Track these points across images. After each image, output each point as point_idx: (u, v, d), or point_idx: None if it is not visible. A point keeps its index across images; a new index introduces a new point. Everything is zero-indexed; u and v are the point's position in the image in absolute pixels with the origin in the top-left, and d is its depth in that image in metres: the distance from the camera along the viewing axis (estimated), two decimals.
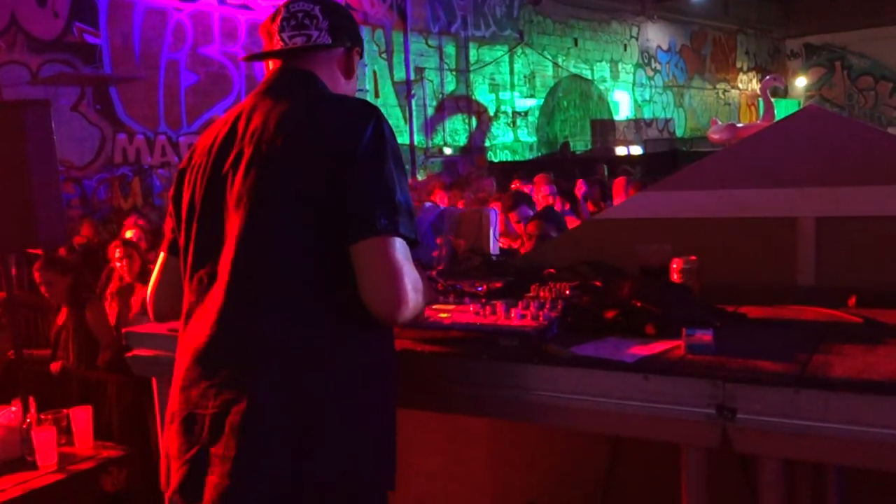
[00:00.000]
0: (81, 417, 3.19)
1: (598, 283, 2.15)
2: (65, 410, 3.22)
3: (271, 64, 1.75)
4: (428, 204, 3.80)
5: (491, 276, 2.51)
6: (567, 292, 2.11)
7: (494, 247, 3.07)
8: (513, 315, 1.87)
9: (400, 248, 1.52)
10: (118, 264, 4.78)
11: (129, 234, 5.66)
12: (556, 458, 2.65)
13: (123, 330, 2.32)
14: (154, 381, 2.23)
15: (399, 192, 1.54)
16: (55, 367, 4.28)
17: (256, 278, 1.53)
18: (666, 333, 1.73)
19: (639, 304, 1.83)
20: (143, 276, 4.86)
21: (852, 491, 2.08)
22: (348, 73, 1.77)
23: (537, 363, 1.65)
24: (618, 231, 2.58)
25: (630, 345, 1.69)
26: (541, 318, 1.83)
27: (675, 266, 2.10)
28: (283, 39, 1.69)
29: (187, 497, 1.55)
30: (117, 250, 4.78)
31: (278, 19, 1.71)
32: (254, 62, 2.53)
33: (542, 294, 2.12)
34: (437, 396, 1.78)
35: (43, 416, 3.11)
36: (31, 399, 3.11)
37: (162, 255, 1.81)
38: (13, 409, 3.13)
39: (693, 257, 2.11)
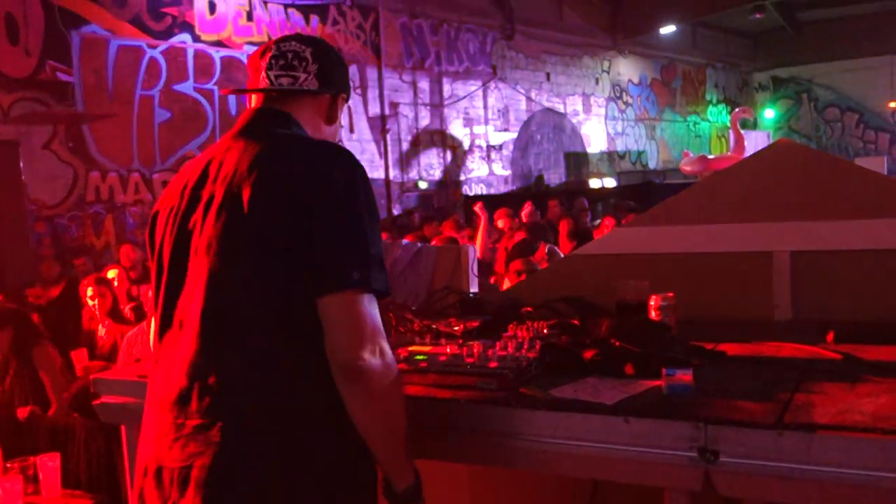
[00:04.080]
0: (49, 465, 3.10)
1: (575, 322, 2.13)
2: (31, 458, 3.13)
3: (254, 100, 1.72)
4: (405, 241, 3.76)
5: (467, 314, 2.48)
6: (545, 331, 2.08)
7: (473, 284, 3.03)
8: (490, 356, 1.84)
9: (368, 304, 1.46)
10: (91, 303, 4.70)
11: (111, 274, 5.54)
12: (540, 501, 2.60)
13: (91, 377, 2.26)
14: (123, 428, 2.17)
15: (372, 243, 1.49)
16: (23, 412, 4.18)
17: (224, 326, 1.49)
18: (645, 373, 1.70)
19: (617, 344, 1.80)
20: (115, 314, 4.79)
21: None
22: (331, 119, 1.74)
23: (515, 406, 1.61)
24: (596, 266, 2.56)
25: (610, 385, 1.67)
26: (519, 360, 1.80)
27: (652, 303, 2.09)
28: (269, 77, 1.66)
29: None
30: (89, 289, 4.71)
31: (267, 56, 1.67)
32: (232, 96, 2.48)
33: (519, 334, 2.09)
34: (412, 442, 1.74)
35: (9, 465, 3.02)
36: None
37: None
38: None
39: (670, 294, 2.09)
